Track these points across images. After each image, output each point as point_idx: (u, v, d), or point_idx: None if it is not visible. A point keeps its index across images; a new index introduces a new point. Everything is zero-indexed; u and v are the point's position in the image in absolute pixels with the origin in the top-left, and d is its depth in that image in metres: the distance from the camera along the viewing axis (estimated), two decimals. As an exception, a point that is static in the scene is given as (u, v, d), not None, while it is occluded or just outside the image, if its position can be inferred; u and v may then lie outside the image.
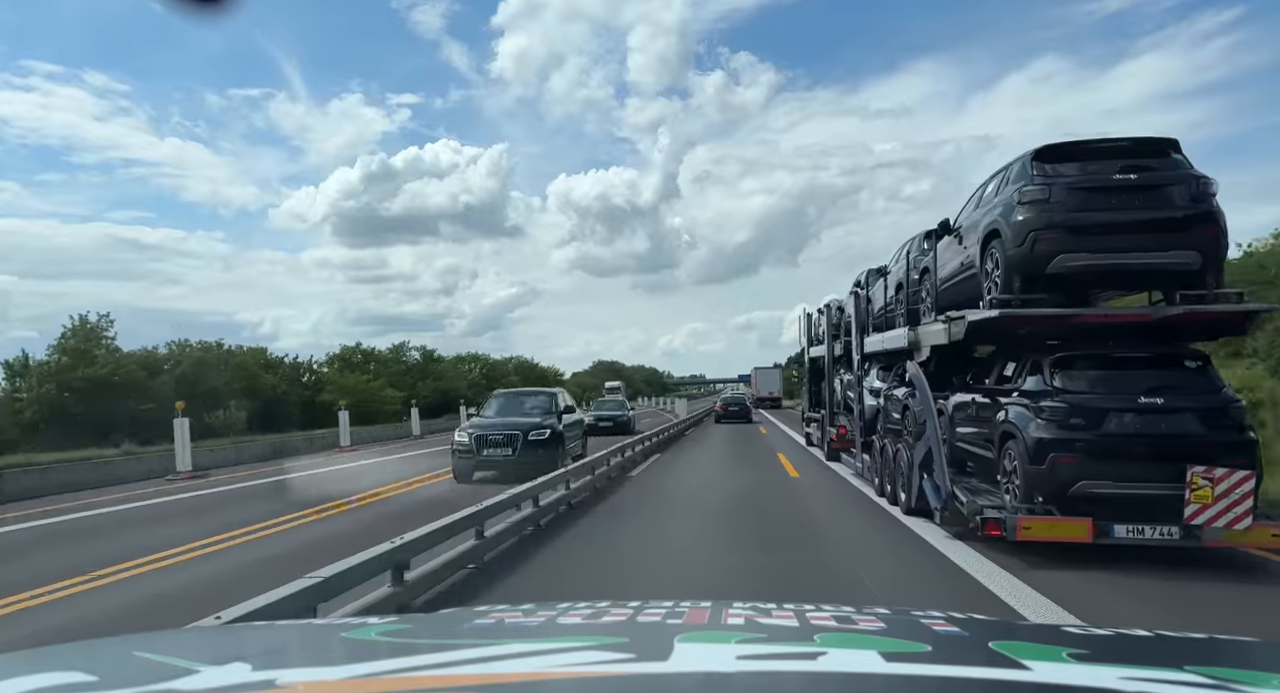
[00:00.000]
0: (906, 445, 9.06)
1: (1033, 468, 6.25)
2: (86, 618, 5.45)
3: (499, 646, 1.08)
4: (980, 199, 7.66)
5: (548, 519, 8.34)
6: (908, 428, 10.25)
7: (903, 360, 12.11)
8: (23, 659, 1.02)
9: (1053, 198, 6.41)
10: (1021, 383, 6.82)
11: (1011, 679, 0.85)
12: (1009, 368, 7.27)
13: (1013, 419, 6.61)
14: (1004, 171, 7.22)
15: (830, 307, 16.29)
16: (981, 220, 7.24)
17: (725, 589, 5.75)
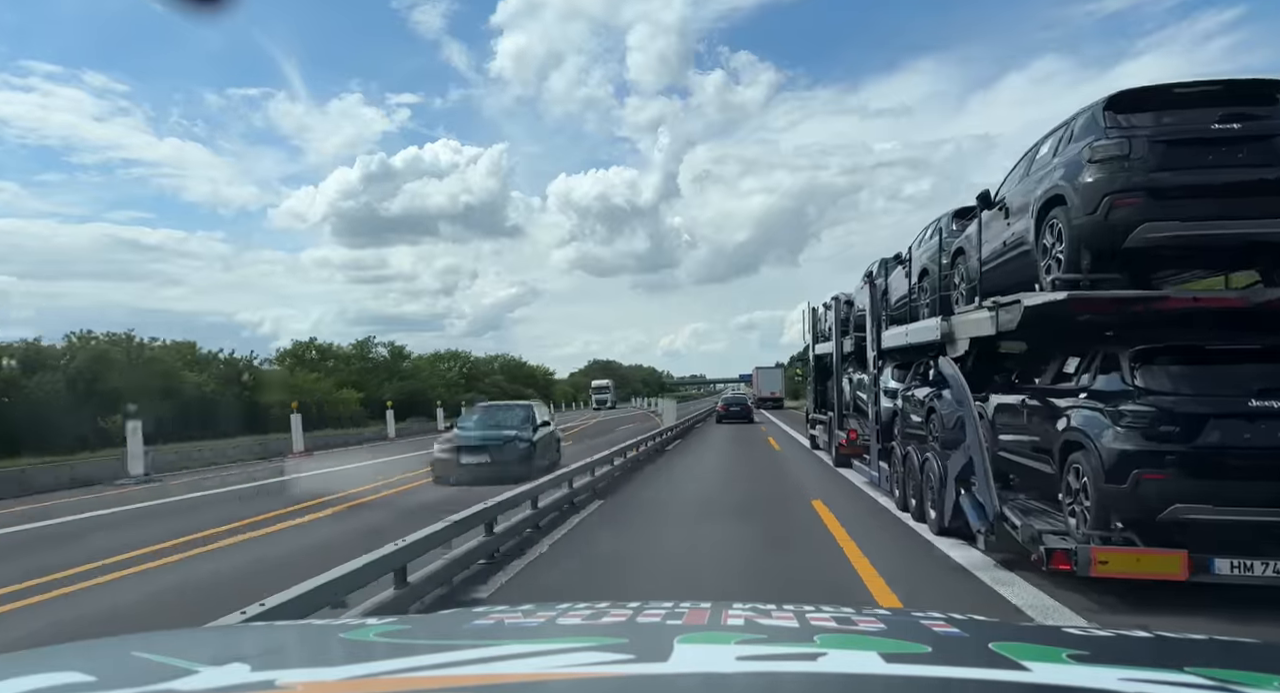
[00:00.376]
0: (937, 454, 7.85)
1: (1110, 487, 5.04)
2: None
3: (498, 646, 1.08)
4: (1032, 164, 6.45)
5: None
6: (934, 434, 9.04)
7: (923, 357, 10.91)
8: (21, 660, 1.02)
9: (1133, 154, 5.21)
10: (1090, 382, 5.61)
11: (1011, 681, 0.85)
12: (1070, 364, 6.06)
13: (1080, 426, 5.41)
14: (1064, 128, 6.02)
15: (838, 300, 15.06)
16: (1036, 187, 6.04)
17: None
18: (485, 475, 11.88)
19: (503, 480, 10.33)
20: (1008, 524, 6.01)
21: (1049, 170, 5.91)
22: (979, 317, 6.60)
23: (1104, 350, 5.62)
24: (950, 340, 7.40)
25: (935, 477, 7.70)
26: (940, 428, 8.73)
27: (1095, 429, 5.24)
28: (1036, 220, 5.97)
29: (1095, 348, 5.78)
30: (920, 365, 10.58)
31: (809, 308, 18.91)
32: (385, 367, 44.35)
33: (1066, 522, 5.60)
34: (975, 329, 6.75)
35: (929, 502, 8.03)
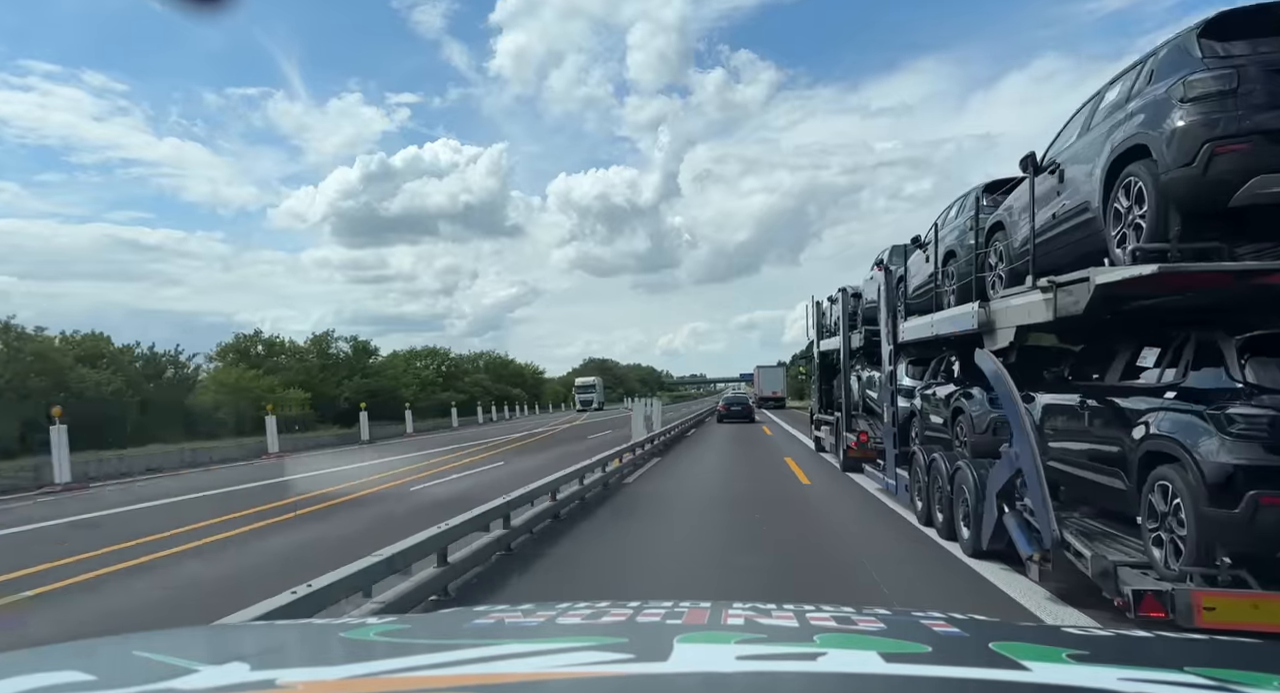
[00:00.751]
0: (971, 463, 6.75)
1: (1216, 512, 3.94)
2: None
3: (498, 646, 1.08)
4: (1093, 115, 5.34)
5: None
6: (961, 438, 7.96)
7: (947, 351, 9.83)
8: (22, 659, 1.02)
9: (1242, 88, 4.11)
10: (1179, 377, 4.51)
11: (1011, 680, 0.85)
12: (1146, 355, 4.97)
13: (1169, 433, 4.31)
14: (1137, 68, 4.91)
15: (845, 292, 13.96)
16: (1104, 141, 4.93)
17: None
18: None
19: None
20: (1069, 552, 4.92)
21: (1122, 119, 4.80)
22: (1029, 300, 5.49)
23: (1197, 338, 4.52)
24: (989, 330, 6.29)
25: (970, 490, 6.60)
26: (970, 432, 7.64)
27: (1191, 438, 4.14)
28: (1105, 181, 4.87)
29: (1181, 335, 4.68)
30: (940, 361, 9.49)
31: (813, 302, 17.80)
32: (347, 364, 40.93)
33: (1150, 553, 4.51)
34: (1024, 316, 5.64)
35: (960, 518, 6.93)
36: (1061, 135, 5.86)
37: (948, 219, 8.60)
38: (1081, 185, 5.24)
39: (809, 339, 18.77)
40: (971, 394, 7.78)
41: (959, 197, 8.66)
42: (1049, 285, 5.12)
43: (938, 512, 7.64)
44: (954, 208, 8.56)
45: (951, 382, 8.73)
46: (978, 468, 6.60)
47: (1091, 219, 5.11)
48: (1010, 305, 5.91)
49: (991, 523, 6.04)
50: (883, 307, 9.98)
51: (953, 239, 8.12)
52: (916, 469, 8.45)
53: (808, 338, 18.88)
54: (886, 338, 9.70)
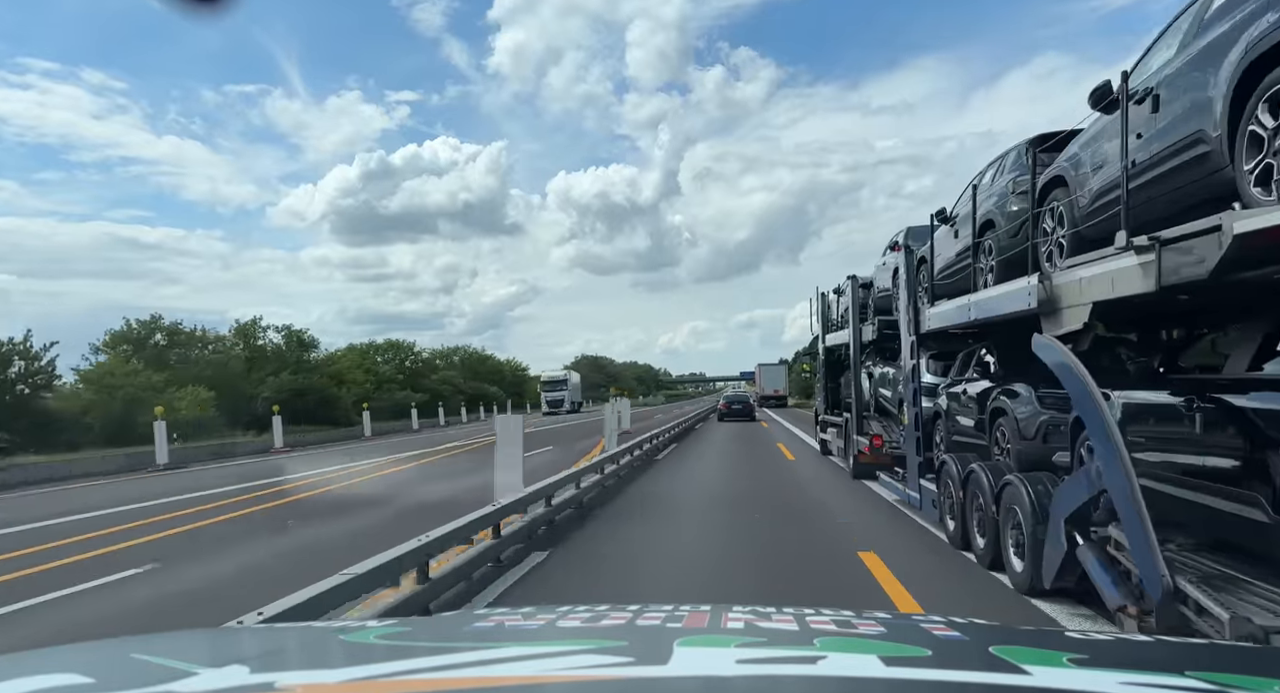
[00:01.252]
0: (1024, 479, 5.42)
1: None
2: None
3: (498, 649, 1.08)
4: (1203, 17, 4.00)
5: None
6: (1003, 445, 6.63)
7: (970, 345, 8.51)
8: (20, 661, 1.01)
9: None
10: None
11: (1011, 684, 0.85)
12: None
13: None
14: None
15: (855, 280, 12.64)
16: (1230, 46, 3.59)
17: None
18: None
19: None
20: (1186, 606, 3.59)
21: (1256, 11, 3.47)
22: (1115, 267, 4.16)
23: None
24: (1051, 310, 4.96)
25: (1024, 512, 5.27)
26: (1014, 438, 6.31)
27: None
28: (1233, 95, 3.53)
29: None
30: (971, 354, 8.16)
31: (818, 294, 16.46)
32: (277, 357, 35.00)
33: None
34: (1105, 288, 4.31)
35: (1010, 545, 5.60)
36: (1151, 54, 4.51)
37: (983, 184, 7.26)
38: (1192, 111, 3.90)
39: (813, 334, 17.43)
40: (1016, 392, 6.46)
41: (995, 158, 7.32)
42: (1149, 243, 3.80)
43: (977, 535, 6.30)
44: (990, 171, 7.23)
45: (986, 377, 7.41)
46: (1033, 484, 5.28)
47: (1208, 153, 3.77)
48: (1083, 277, 4.58)
49: (1058, 556, 4.71)
50: (902, 292, 8.65)
51: (991, 206, 6.79)
52: (947, 481, 7.12)
53: (812, 333, 17.54)
54: (907, 328, 8.37)
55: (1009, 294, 5.52)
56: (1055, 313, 4.91)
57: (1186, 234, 3.57)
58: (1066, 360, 4.46)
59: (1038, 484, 5.25)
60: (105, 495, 13.35)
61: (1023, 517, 5.30)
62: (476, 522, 5.67)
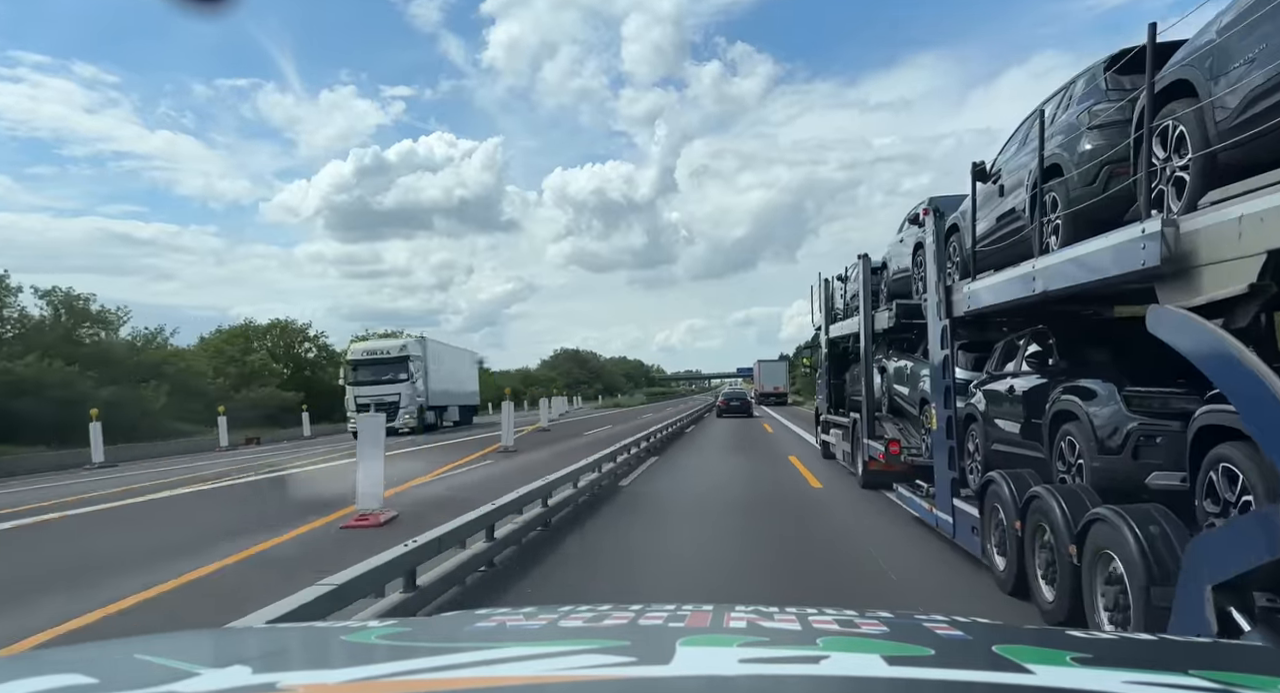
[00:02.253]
0: (1126, 515, 3.81)
1: None
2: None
3: (500, 649, 1.07)
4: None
5: None
6: (1070, 461, 5.06)
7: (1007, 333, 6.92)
8: (23, 662, 1.06)
9: None
10: None
11: (1015, 683, 0.84)
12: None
13: None
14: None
15: (867, 260, 11.03)
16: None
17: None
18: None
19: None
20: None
21: None
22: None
23: None
24: (1182, 268, 3.34)
25: (1130, 563, 3.67)
26: (1089, 451, 4.74)
27: None
28: None
29: None
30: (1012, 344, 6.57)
31: (821, 281, 14.80)
32: (38, 333, 24.58)
33: None
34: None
35: (1101, 608, 4.01)
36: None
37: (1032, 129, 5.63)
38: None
39: (815, 326, 15.80)
40: (1091, 391, 4.88)
41: (1054, 92, 5.72)
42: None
43: (1043, 584, 4.71)
44: (1050, 106, 5.62)
45: (1041, 371, 5.82)
46: (1143, 524, 3.68)
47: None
48: (1248, 213, 2.96)
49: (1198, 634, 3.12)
50: (930, 267, 7.05)
51: (1056, 147, 5.17)
52: (995, 507, 5.52)
53: (814, 324, 15.89)
54: (937, 311, 6.77)
55: (1104, 253, 3.90)
56: (1187, 273, 3.31)
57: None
58: (1220, 342, 2.87)
59: (1150, 524, 3.66)
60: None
61: (1126, 570, 3.70)
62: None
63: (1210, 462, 3.59)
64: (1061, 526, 4.39)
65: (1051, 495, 4.60)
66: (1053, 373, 5.62)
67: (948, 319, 6.56)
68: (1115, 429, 4.59)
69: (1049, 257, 4.71)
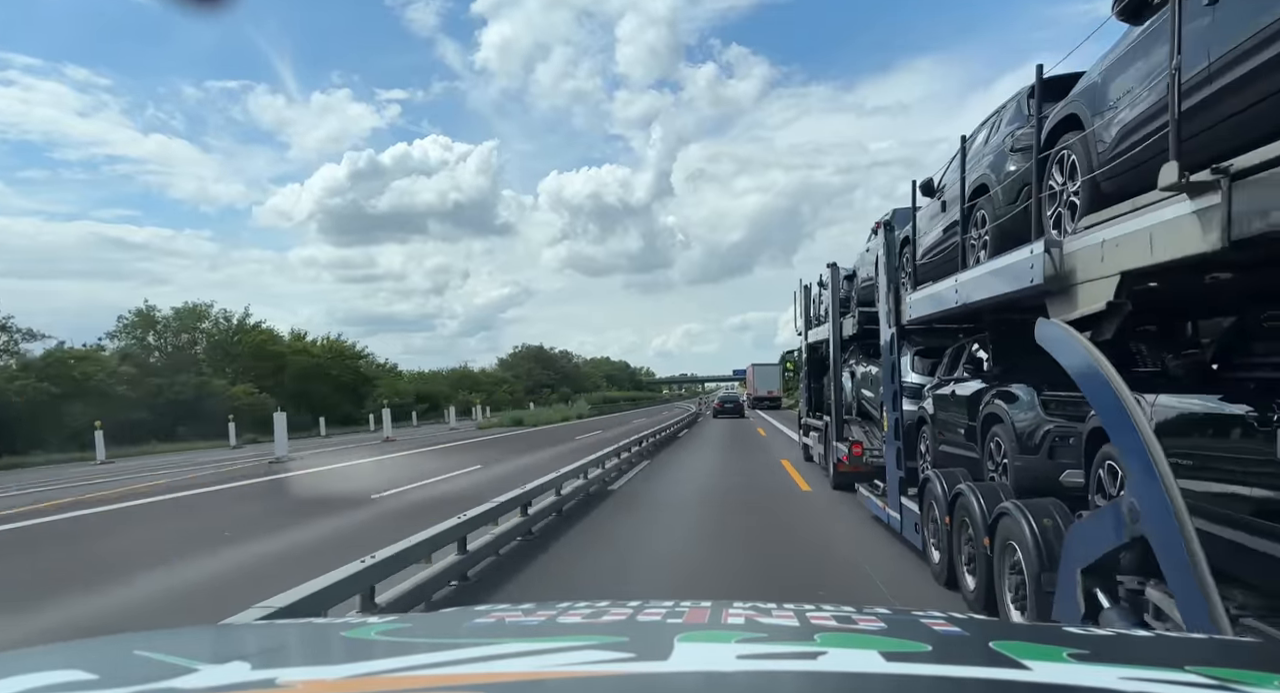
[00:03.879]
0: (1026, 509, 4.19)
1: None
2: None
3: (498, 645, 1.07)
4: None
5: None
6: (998, 459, 5.42)
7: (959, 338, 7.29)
8: (22, 658, 1.02)
9: None
10: None
11: (1011, 679, 0.85)
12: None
13: None
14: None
15: (836, 269, 11.42)
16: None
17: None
18: None
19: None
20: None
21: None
22: (1166, 217, 2.92)
23: None
24: (1062, 286, 3.72)
25: (1026, 551, 4.05)
26: (1012, 451, 5.11)
27: None
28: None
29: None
30: (962, 348, 6.95)
31: (802, 287, 15.21)
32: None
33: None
34: (1145, 250, 3.06)
35: (1007, 591, 4.37)
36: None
37: (974, 147, 6.03)
38: None
39: (797, 331, 16.19)
40: (1014, 395, 5.25)
41: (989, 115, 6.10)
42: (1213, 178, 2.57)
43: (967, 574, 5.08)
44: (984, 130, 6.00)
45: (979, 376, 6.19)
46: (1038, 516, 4.06)
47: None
48: (1108, 238, 3.34)
49: (1072, 617, 3.49)
50: (882, 278, 7.42)
51: (985, 167, 5.56)
52: (931, 503, 5.89)
53: (796, 330, 16.28)
54: (887, 319, 7.14)
55: (1005, 269, 4.29)
56: (1068, 290, 3.68)
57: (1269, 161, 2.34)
58: (1084, 353, 3.24)
59: (1044, 516, 4.03)
60: None
61: (1024, 558, 4.07)
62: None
63: (1099, 460, 3.95)
64: (979, 520, 4.76)
65: (972, 492, 4.97)
66: (988, 378, 5.99)
67: (895, 327, 6.93)
68: (1034, 431, 4.96)
69: (968, 271, 5.09)
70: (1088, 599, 3.34)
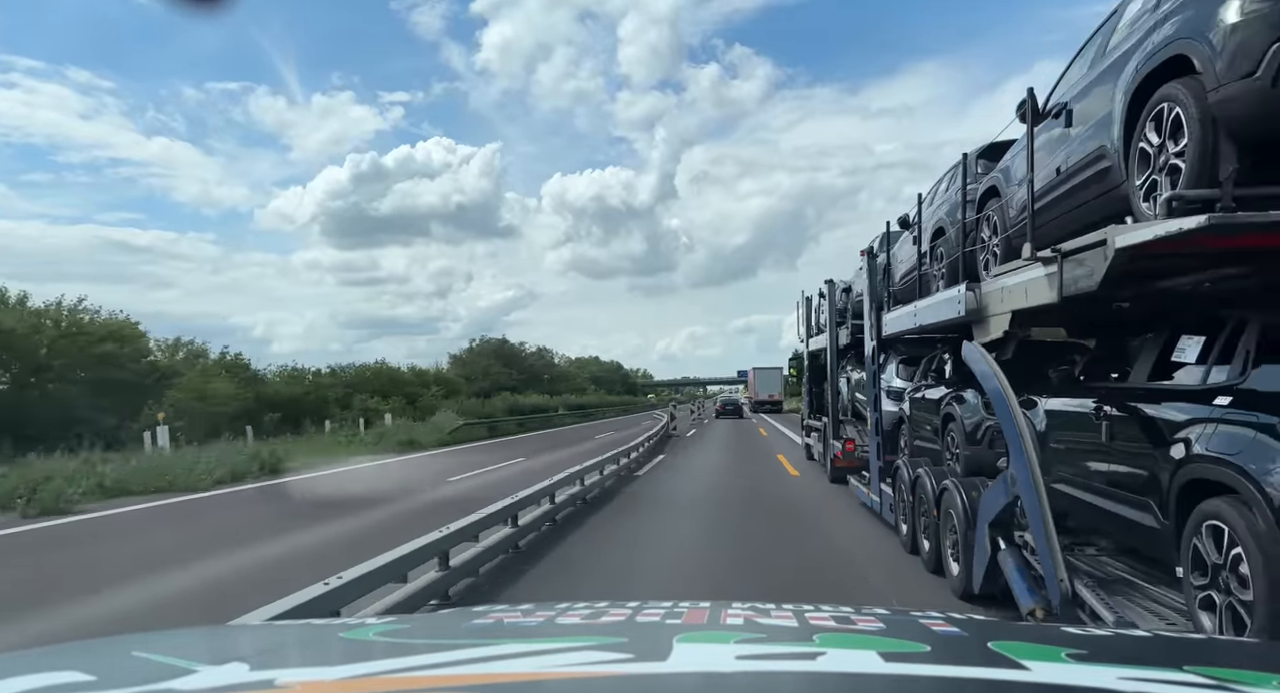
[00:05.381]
0: (960, 483, 5.52)
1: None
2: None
3: (497, 646, 1.07)
4: (1109, 39, 4.12)
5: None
6: (952, 449, 6.73)
7: (935, 348, 8.60)
8: (21, 659, 1.01)
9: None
10: (1236, 376, 3.28)
11: (1010, 679, 0.84)
12: (1187, 347, 3.73)
13: (1223, 453, 3.08)
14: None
15: (833, 285, 12.73)
16: (1129, 61, 3.71)
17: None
18: None
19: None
20: (1084, 611, 3.69)
21: (1152, 27, 3.58)
22: (1028, 278, 4.27)
23: (1259, 323, 3.29)
24: (979, 318, 5.06)
25: (958, 516, 5.38)
26: (962, 443, 6.41)
27: (1258, 461, 2.90)
28: (1128, 113, 3.64)
29: (1236, 319, 3.45)
30: (932, 358, 8.26)
31: (803, 298, 16.57)
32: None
33: (1195, 617, 3.27)
34: (1021, 298, 4.41)
35: (948, 549, 5.70)
36: (1070, 71, 4.62)
37: (936, 193, 7.37)
38: (1096, 126, 4.01)
39: (800, 339, 17.53)
40: (964, 397, 6.55)
41: (952, 166, 7.42)
42: (1052, 256, 3.90)
43: (924, 539, 6.40)
44: (945, 180, 7.34)
45: (942, 382, 7.50)
46: (967, 489, 5.38)
47: (1109, 169, 3.88)
48: (1005, 286, 4.68)
49: (984, 560, 4.81)
50: (866, 298, 8.75)
51: (942, 214, 6.89)
52: (900, 486, 7.21)
53: (799, 338, 17.62)
54: (870, 333, 8.48)
55: (943, 302, 5.64)
56: (983, 321, 5.02)
57: (1079, 248, 3.67)
58: (988, 367, 4.56)
59: (972, 489, 5.34)
60: None
61: (957, 521, 5.40)
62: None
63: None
64: (930, 495, 6.08)
65: (927, 475, 6.29)
66: (949, 384, 7.30)
67: (876, 340, 8.26)
68: (978, 426, 6.26)
69: (924, 300, 6.44)
70: (992, 544, 4.66)
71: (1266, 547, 2.79)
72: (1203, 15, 3.19)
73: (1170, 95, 3.33)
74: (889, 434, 8.64)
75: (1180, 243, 3.04)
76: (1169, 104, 3.35)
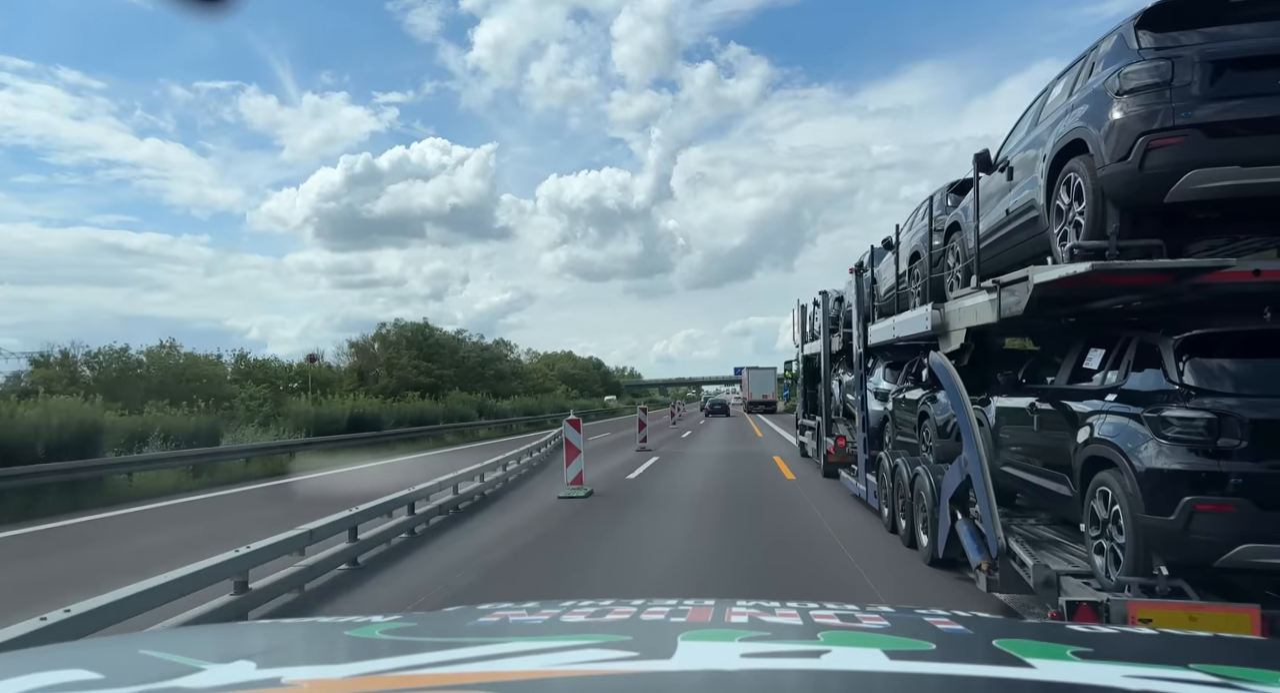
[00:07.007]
0: (929, 468, 6.60)
1: (1152, 520, 3.79)
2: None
3: (502, 644, 1.07)
4: (1042, 110, 5.21)
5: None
6: (927, 443, 7.80)
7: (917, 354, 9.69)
8: (29, 658, 1.03)
9: (1176, 80, 3.96)
10: (1120, 379, 4.36)
11: (1016, 678, 0.84)
12: (1092, 357, 4.82)
13: (1108, 437, 4.16)
14: (1083, 61, 4.78)
15: (827, 295, 13.85)
16: (1048, 136, 4.80)
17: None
18: None
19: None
20: (1015, 562, 4.76)
21: (1064, 113, 4.66)
22: (977, 301, 5.35)
23: (1138, 339, 4.37)
24: (943, 332, 6.14)
25: (927, 495, 6.45)
26: (934, 436, 7.49)
27: (1129, 442, 3.98)
28: (1049, 176, 4.73)
29: (1124, 336, 4.53)
30: (912, 364, 9.35)
31: (799, 306, 17.71)
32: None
33: (1092, 562, 4.35)
34: (973, 317, 5.49)
35: (920, 525, 6.77)
36: (1014, 132, 5.72)
37: (913, 221, 8.46)
38: (1028, 183, 5.10)
39: (795, 344, 18.64)
40: (936, 398, 7.63)
41: (925, 198, 8.52)
42: (993, 286, 4.98)
43: (901, 519, 7.47)
44: (920, 209, 8.42)
45: (920, 385, 8.58)
46: (935, 473, 6.45)
47: (1037, 217, 4.97)
48: (961, 307, 5.76)
49: (945, 530, 5.88)
50: (855, 310, 9.83)
51: (917, 240, 7.98)
52: (883, 475, 8.29)
53: (794, 343, 18.74)
54: (858, 341, 9.56)
55: (916, 317, 6.72)
56: (946, 334, 6.09)
57: (1011, 280, 4.75)
58: (948, 373, 5.64)
59: (938, 474, 6.41)
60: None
61: (926, 501, 6.47)
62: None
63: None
64: (905, 481, 7.15)
65: (904, 464, 7.36)
66: (925, 385, 8.37)
67: (863, 348, 9.34)
68: (947, 422, 7.33)
69: (898, 316, 7.53)
70: (951, 516, 5.73)
71: (1133, 503, 3.87)
72: (1095, 110, 4.28)
73: (1074, 167, 4.43)
74: (875, 432, 9.71)
75: (1078, 280, 4.12)
76: (1074, 173, 4.44)
